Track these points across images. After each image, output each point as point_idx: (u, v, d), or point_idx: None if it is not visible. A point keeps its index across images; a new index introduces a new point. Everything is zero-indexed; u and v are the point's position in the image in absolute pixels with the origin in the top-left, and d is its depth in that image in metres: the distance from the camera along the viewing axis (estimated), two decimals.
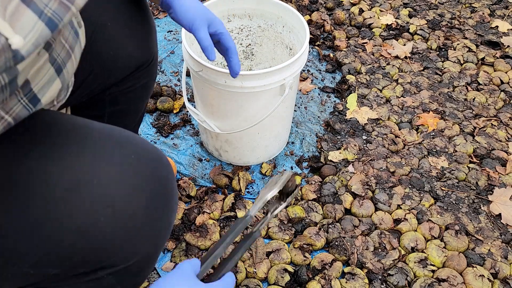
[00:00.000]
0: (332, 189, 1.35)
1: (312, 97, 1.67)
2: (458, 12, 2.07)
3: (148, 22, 0.98)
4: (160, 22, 1.99)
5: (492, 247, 1.23)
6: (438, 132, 1.54)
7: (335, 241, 1.22)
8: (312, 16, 2.00)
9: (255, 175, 1.41)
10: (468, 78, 1.73)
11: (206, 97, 1.25)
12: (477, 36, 1.93)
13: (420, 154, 1.47)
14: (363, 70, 1.76)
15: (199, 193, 1.34)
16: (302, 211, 1.28)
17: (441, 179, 1.40)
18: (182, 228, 1.25)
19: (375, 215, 1.29)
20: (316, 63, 1.82)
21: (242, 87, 1.12)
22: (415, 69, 1.78)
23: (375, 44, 1.88)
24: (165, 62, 1.79)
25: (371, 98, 1.65)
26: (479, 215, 1.31)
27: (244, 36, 1.47)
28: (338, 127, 1.55)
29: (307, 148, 1.50)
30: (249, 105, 1.20)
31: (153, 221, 0.66)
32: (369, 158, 1.45)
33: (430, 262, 1.20)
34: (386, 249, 1.22)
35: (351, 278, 1.15)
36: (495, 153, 1.47)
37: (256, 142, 1.34)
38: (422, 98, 1.66)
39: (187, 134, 1.53)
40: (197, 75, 1.16)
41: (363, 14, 2.02)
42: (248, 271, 1.16)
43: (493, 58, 1.81)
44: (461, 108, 1.63)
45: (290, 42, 1.38)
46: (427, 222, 1.28)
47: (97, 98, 1.00)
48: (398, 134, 1.53)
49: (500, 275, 1.18)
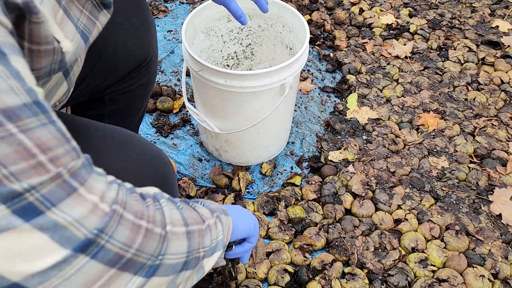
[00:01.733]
0: (332, 189, 1.34)
1: (312, 97, 1.67)
2: (459, 12, 2.06)
3: (147, 20, 0.98)
4: (160, 22, 1.99)
5: (492, 247, 1.23)
6: (438, 132, 1.54)
7: (335, 242, 1.22)
8: (312, 15, 2.00)
9: (255, 175, 1.41)
10: (469, 78, 1.73)
11: (206, 97, 1.24)
12: (477, 36, 1.92)
13: (420, 154, 1.46)
14: (363, 70, 1.76)
15: (199, 193, 1.33)
16: (302, 211, 1.28)
17: (442, 179, 1.40)
18: None
19: (375, 215, 1.29)
20: (316, 63, 1.81)
21: (242, 87, 1.12)
22: (415, 69, 1.78)
23: (375, 44, 1.87)
24: (165, 62, 1.79)
25: (372, 98, 1.65)
26: (479, 215, 1.31)
27: (244, 36, 1.47)
28: (338, 127, 1.55)
29: (307, 148, 1.49)
30: (249, 105, 1.20)
31: None
32: (370, 158, 1.44)
33: (431, 262, 1.19)
34: (386, 249, 1.22)
35: (351, 279, 1.15)
36: (496, 153, 1.46)
37: (256, 142, 1.34)
38: (423, 98, 1.65)
39: (187, 134, 1.53)
40: (197, 75, 1.16)
41: (363, 13, 2.01)
42: (248, 271, 1.16)
43: (493, 58, 1.81)
44: (462, 108, 1.63)
45: (290, 42, 1.38)
46: (427, 222, 1.27)
47: (97, 98, 0.99)
48: (399, 134, 1.53)
49: (500, 275, 1.17)
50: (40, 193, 0.39)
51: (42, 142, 0.40)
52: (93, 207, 0.43)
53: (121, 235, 0.44)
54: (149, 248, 0.47)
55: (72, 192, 0.41)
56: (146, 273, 0.47)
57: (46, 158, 0.40)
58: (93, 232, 0.42)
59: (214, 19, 1.37)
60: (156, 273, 0.49)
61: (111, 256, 0.44)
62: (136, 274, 0.46)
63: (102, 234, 0.43)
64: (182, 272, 0.53)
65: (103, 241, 0.43)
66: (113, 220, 0.44)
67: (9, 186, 0.37)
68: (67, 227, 0.40)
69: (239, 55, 1.53)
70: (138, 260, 0.46)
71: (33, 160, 0.39)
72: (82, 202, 0.42)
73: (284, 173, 1.42)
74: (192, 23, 1.27)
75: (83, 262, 0.42)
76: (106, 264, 0.43)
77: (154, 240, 0.48)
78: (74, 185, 0.42)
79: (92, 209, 0.42)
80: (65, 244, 0.40)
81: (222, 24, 1.40)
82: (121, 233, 0.44)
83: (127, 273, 0.45)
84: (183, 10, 2.06)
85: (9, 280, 0.39)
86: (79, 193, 0.42)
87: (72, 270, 0.41)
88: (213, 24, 1.38)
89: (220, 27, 1.41)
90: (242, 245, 0.80)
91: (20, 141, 0.38)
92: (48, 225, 0.39)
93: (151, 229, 0.48)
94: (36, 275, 0.39)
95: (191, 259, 0.54)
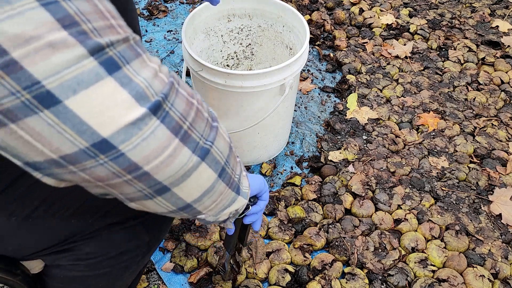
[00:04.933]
0: (332, 189, 1.34)
1: (312, 97, 1.67)
2: (459, 12, 2.06)
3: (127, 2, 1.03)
4: (160, 22, 1.99)
5: (492, 247, 1.23)
6: (438, 132, 1.54)
7: (335, 241, 1.22)
8: (312, 15, 2.00)
9: None
10: (469, 78, 1.73)
11: (206, 97, 1.24)
12: (477, 36, 1.92)
13: (420, 154, 1.46)
14: (363, 70, 1.76)
15: None
16: (302, 211, 1.28)
17: (442, 179, 1.40)
18: (182, 228, 1.25)
19: (375, 215, 1.29)
20: (316, 63, 1.81)
21: (242, 87, 1.12)
22: (415, 69, 1.78)
23: (375, 44, 1.87)
24: (165, 62, 1.79)
25: (371, 98, 1.65)
26: (479, 215, 1.31)
27: (244, 36, 1.47)
28: (338, 127, 1.55)
29: (307, 148, 1.49)
30: (249, 105, 1.20)
31: None
32: (369, 158, 1.44)
33: (431, 262, 1.19)
34: (386, 249, 1.22)
35: (351, 278, 1.15)
36: (496, 153, 1.46)
37: (256, 142, 1.34)
38: (423, 98, 1.65)
39: None
40: (197, 75, 1.16)
41: (363, 13, 2.01)
42: (248, 271, 1.16)
43: (493, 58, 1.81)
44: (462, 108, 1.63)
45: (290, 42, 1.38)
46: (427, 222, 1.28)
47: None
48: (399, 134, 1.53)
49: (500, 275, 1.17)
50: (117, 49, 0.43)
51: (109, 10, 0.45)
52: (155, 73, 0.47)
53: (179, 106, 0.48)
54: (199, 127, 0.51)
55: (139, 55, 0.46)
56: (200, 154, 0.51)
57: (116, 23, 0.45)
58: (160, 96, 0.46)
59: (214, 19, 1.37)
60: (206, 158, 0.52)
61: (174, 124, 0.47)
62: (193, 152, 0.50)
63: (166, 101, 0.47)
64: (220, 179, 0.56)
65: (167, 107, 0.47)
66: (172, 90, 0.48)
67: (95, 40, 0.41)
68: (140, 85, 0.44)
69: (239, 55, 1.53)
70: (192, 135, 0.50)
71: (108, 21, 0.43)
72: (147, 66, 0.46)
73: (284, 173, 1.42)
74: (192, 23, 1.27)
75: (155, 125, 0.45)
76: (171, 131, 0.47)
77: (202, 121, 0.52)
78: (139, 51, 0.46)
79: (154, 74, 0.46)
80: (142, 102, 0.44)
81: (222, 24, 1.40)
82: (179, 104, 0.48)
83: (187, 148, 0.49)
84: (183, 10, 2.06)
85: (99, 135, 0.43)
86: (143, 58, 0.46)
87: (148, 131, 0.45)
88: (213, 24, 1.38)
89: (220, 27, 1.41)
90: (258, 204, 0.84)
91: (96, 4, 0.43)
92: (126, 81, 0.43)
93: (200, 109, 0.52)
94: (122, 131, 0.43)
95: (227, 171, 0.57)
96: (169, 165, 0.48)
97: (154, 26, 1.96)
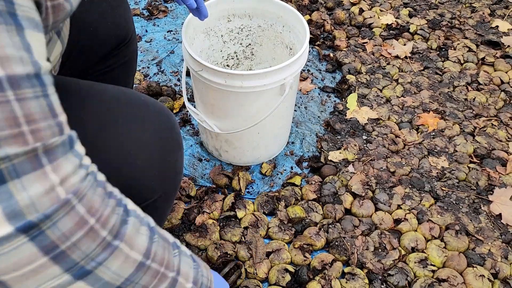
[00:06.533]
0: (332, 189, 1.34)
1: (312, 97, 1.67)
2: (458, 12, 2.06)
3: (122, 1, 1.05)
4: (160, 22, 1.99)
5: (492, 247, 1.23)
6: (438, 132, 1.54)
7: (335, 241, 1.22)
8: (312, 15, 2.00)
9: (255, 175, 1.41)
10: (469, 78, 1.73)
11: (206, 97, 1.24)
12: (477, 36, 1.93)
13: (420, 154, 1.46)
14: (363, 70, 1.76)
15: (199, 193, 1.33)
16: (302, 211, 1.28)
17: (441, 179, 1.40)
18: (182, 228, 1.25)
19: (375, 215, 1.29)
20: (316, 63, 1.82)
21: (242, 86, 1.12)
22: (415, 69, 1.78)
23: (375, 44, 1.87)
24: (165, 62, 1.79)
25: (371, 98, 1.65)
26: (479, 215, 1.31)
27: (244, 36, 1.47)
28: (338, 127, 1.55)
29: (307, 148, 1.49)
30: (249, 105, 1.20)
31: (166, 162, 0.76)
32: (369, 158, 1.44)
33: (430, 262, 1.19)
34: (386, 249, 1.22)
35: (351, 278, 1.15)
36: (496, 153, 1.47)
37: (256, 142, 1.34)
38: (422, 98, 1.65)
39: (187, 134, 1.53)
40: (197, 75, 1.16)
41: (363, 13, 2.01)
42: (248, 271, 1.16)
43: (493, 58, 1.81)
44: (461, 108, 1.63)
45: (290, 42, 1.38)
46: (427, 222, 1.28)
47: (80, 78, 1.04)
48: (398, 134, 1.53)
49: (500, 275, 1.18)
50: (12, 162, 0.41)
51: (30, 113, 0.43)
52: (50, 188, 0.44)
53: (64, 225, 0.45)
54: (87, 247, 0.47)
55: (38, 168, 0.43)
56: (76, 273, 0.47)
57: (28, 129, 0.42)
58: (39, 217, 0.43)
59: (214, 19, 1.37)
60: (85, 278, 0.48)
61: (47, 243, 0.45)
62: (66, 271, 0.47)
63: (47, 220, 0.44)
64: None
65: (45, 226, 0.44)
66: (63, 209, 0.45)
67: None
68: (19, 203, 0.42)
69: (239, 55, 1.53)
70: (71, 256, 0.47)
71: (17, 129, 0.42)
72: (43, 181, 0.44)
73: (284, 173, 1.42)
74: (192, 23, 1.27)
75: (21, 242, 0.43)
76: (40, 249, 0.44)
77: (93, 241, 0.48)
78: (43, 162, 0.44)
79: (48, 190, 0.44)
80: (12, 220, 0.42)
81: (222, 24, 1.41)
82: (65, 223, 0.45)
83: (57, 267, 0.46)
84: (183, 10, 2.06)
85: None
86: (44, 170, 0.44)
87: (9, 247, 0.43)
88: (213, 24, 1.38)
89: (220, 27, 1.41)
90: None
91: (13, 109, 0.41)
92: (6, 197, 0.41)
93: (96, 229, 0.48)
94: None
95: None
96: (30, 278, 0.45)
97: (154, 26, 1.96)
